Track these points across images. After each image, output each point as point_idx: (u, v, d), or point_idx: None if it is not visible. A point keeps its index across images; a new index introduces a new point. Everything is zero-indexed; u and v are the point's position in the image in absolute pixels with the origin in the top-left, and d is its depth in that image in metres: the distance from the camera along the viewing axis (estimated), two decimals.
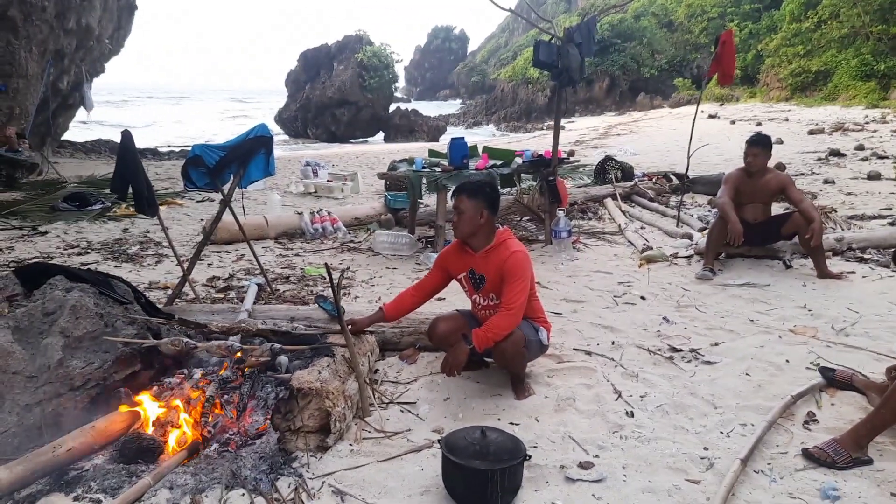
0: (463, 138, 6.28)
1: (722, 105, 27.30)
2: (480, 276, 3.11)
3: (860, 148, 12.42)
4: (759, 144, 4.96)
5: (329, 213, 7.07)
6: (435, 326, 3.24)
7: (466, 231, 3.07)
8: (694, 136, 7.04)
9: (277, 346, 2.97)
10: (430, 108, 39.02)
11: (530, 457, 2.34)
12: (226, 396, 2.89)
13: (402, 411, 2.96)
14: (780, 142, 13.88)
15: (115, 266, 5.50)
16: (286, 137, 31.22)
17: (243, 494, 2.31)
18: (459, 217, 3.05)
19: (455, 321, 3.24)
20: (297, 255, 6.05)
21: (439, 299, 4.60)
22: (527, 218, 6.96)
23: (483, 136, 28.82)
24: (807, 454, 2.53)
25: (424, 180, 5.88)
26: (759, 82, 29.28)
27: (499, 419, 2.88)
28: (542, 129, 33.05)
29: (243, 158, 4.21)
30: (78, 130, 17.77)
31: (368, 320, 3.22)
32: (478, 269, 3.12)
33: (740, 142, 14.25)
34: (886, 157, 11.09)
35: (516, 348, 2.98)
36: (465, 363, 2.93)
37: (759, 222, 5.08)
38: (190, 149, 4.62)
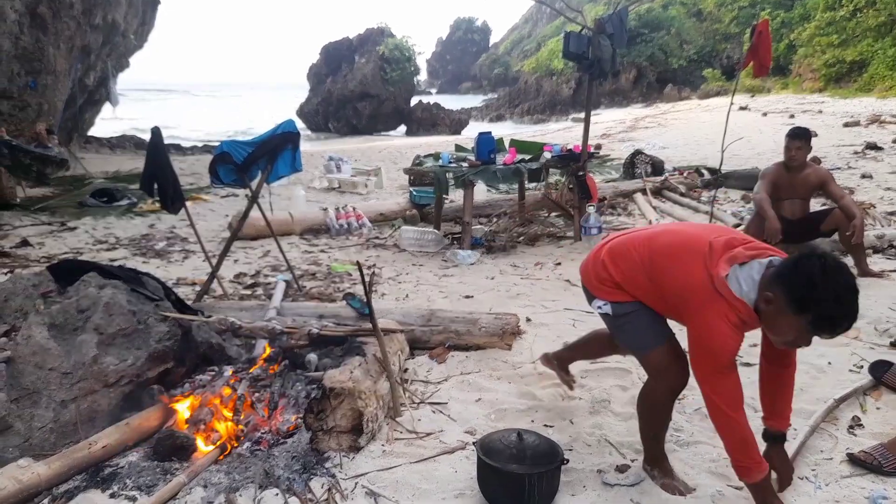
0: (490, 133, 6.21)
1: (753, 97, 26.72)
2: None
3: None
4: (802, 137, 4.81)
5: (354, 209, 7.07)
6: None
7: None
8: (726, 129, 6.87)
9: (315, 329, 2.96)
10: (452, 101, 38.89)
11: (568, 461, 2.29)
12: (257, 394, 2.88)
13: (434, 412, 2.93)
14: (815, 135, 13.52)
15: (143, 262, 5.55)
16: (308, 132, 31.39)
17: (277, 494, 2.29)
18: None
19: None
20: (322, 251, 6.05)
21: (467, 297, 4.58)
22: (555, 214, 6.87)
23: (507, 130, 28.64)
24: (852, 458, 2.45)
25: (451, 175, 5.82)
26: (792, 73, 28.59)
27: (532, 421, 2.83)
28: (567, 121, 32.73)
29: (271, 154, 4.21)
30: (104, 125, 18.04)
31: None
32: None
33: (773, 135, 13.91)
34: None
35: None
36: None
37: (797, 219, 4.94)
38: (217, 145, 4.63)
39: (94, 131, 16.92)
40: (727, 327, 1.94)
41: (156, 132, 4.06)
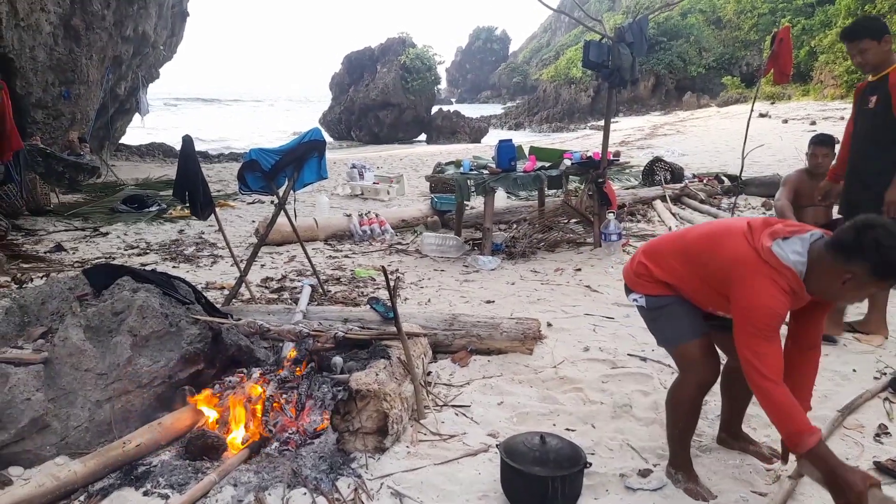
0: (510, 140, 6.26)
1: (773, 103, 26.46)
2: None
3: None
4: (828, 144, 4.78)
5: (377, 216, 7.15)
6: None
7: None
8: (746, 135, 6.84)
9: (341, 333, 3.03)
10: (471, 110, 39.04)
11: (590, 465, 2.32)
12: (284, 396, 2.95)
13: (457, 414, 2.97)
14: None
15: (173, 266, 5.68)
16: (330, 139, 31.71)
17: (305, 493, 2.35)
18: None
19: None
20: (346, 256, 6.13)
21: (488, 302, 4.62)
22: (575, 220, 6.89)
23: (526, 137, 28.66)
24: (879, 466, 2.44)
25: (472, 182, 5.88)
26: (813, 80, 28.27)
27: (554, 424, 2.86)
28: (585, 129, 32.66)
29: (297, 162, 4.30)
30: (134, 134, 18.43)
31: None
32: None
33: (794, 141, 13.73)
34: None
35: None
36: None
37: (820, 226, 4.90)
38: (245, 153, 4.73)
39: (124, 140, 17.30)
40: (775, 289, 1.95)
41: (187, 140, 4.17)
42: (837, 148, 4.33)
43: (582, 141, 21.33)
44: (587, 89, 39.26)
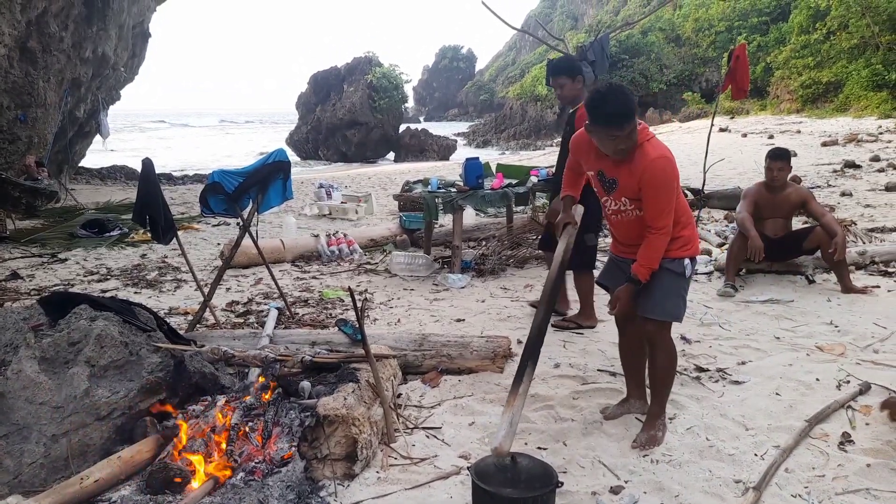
0: (478, 158, 6.30)
1: (732, 118, 27.22)
2: (612, 179, 2.71)
3: (875, 159, 12.30)
4: (783, 158, 4.93)
5: (345, 235, 7.10)
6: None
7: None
8: (707, 150, 7.00)
9: (309, 357, 2.97)
10: (439, 128, 39.28)
11: (562, 484, 2.30)
12: (250, 424, 2.87)
13: (428, 436, 2.93)
14: (794, 154, 13.75)
15: (135, 292, 5.54)
16: (297, 159, 31.52)
17: None
18: (619, 144, 2.56)
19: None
20: (314, 277, 6.06)
21: (459, 320, 4.60)
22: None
23: (494, 155, 28.92)
24: None
25: (440, 200, 5.88)
26: (770, 95, 29.18)
27: (525, 444, 2.84)
28: (552, 145, 33.07)
29: (262, 184, 4.25)
30: (94, 157, 18.03)
31: (574, 211, 2.88)
32: (608, 171, 2.71)
33: (753, 155, 14.11)
34: None
35: (667, 353, 2.82)
36: (629, 300, 2.74)
37: (779, 237, 5.03)
38: (208, 175, 4.66)
39: (84, 162, 16.90)
40: None
41: (147, 163, 4.09)
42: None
43: (549, 157, 21.58)
44: (553, 106, 39.77)
